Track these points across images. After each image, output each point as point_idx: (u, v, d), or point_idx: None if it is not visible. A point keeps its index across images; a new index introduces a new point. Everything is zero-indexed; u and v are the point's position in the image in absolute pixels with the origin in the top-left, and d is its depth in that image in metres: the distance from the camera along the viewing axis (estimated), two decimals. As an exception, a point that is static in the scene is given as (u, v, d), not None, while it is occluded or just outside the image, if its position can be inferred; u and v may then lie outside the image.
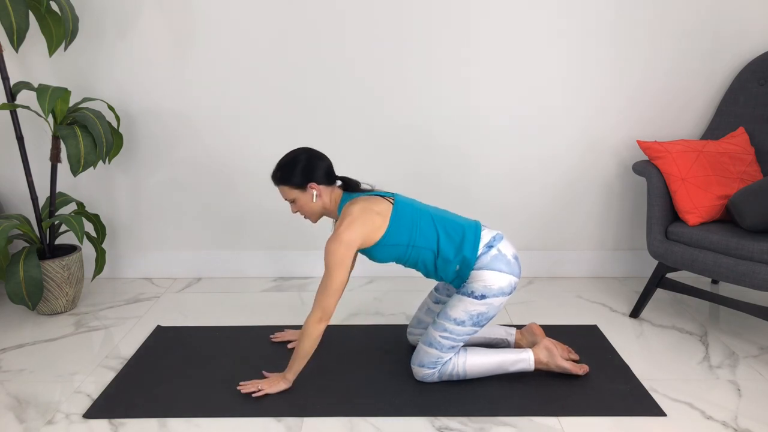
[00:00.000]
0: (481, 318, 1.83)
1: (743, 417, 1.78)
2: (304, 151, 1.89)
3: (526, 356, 1.92)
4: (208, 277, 2.88)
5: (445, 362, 1.88)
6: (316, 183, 1.86)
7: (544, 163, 2.73)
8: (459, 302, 1.84)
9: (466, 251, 1.82)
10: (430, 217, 1.87)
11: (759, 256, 1.99)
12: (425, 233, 1.84)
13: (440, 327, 1.85)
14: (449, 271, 1.86)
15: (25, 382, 1.98)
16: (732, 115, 2.53)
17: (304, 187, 1.87)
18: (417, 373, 1.92)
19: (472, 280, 1.83)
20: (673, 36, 2.56)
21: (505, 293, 1.83)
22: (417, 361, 1.91)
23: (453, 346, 1.86)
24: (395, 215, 1.84)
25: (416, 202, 1.94)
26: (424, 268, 1.89)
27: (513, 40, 2.56)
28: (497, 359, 1.90)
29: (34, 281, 2.29)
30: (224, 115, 2.66)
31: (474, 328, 1.85)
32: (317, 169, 1.87)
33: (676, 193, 2.27)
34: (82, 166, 2.30)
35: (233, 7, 2.52)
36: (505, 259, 1.84)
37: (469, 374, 1.90)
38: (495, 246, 1.85)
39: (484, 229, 1.89)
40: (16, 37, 2.16)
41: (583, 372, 1.95)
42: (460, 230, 1.85)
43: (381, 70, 2.59)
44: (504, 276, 1.82)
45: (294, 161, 1.87)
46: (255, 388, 1.87)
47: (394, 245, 1.84)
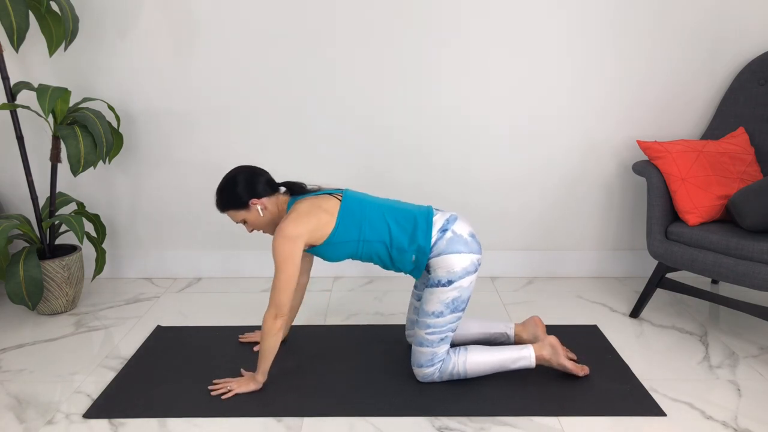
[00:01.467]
0: (457, 303, 1.83)
1: (743, 417, 1.78)
2: (237, 172, 1.88)
3: (527, 353, 1.91)
4: (208, 277, 2.88)
5: (445, 361, 1.88)
6: (257, 198, 1.86)
7: (544, 163, 2.73)
8: (431, 295, 1.83)
9: (419, 239, 1.82)
10: (379, 208, 1.86)
11: (759, 256, 1.99)
12: (375, 226, 1.84)
13: (423, 325, 1.86)
14: (406, 261, 1.85)
15: (25, 382, 1.98)
16: (732, 115, 2.54)
17: (247, 206, 1.87)
18: (418, 374, 1.92)
19: (434, 268, 1.83)
20: (674, 36, 2.56)
21: (470, 272, 1.82)
22: (415, 362, 1.91)
23: (443, 339, 1.86)
24: (343, 210, 1.83)
25: (367, 195, 1.93)
26: (380, 261, 1.89)
27: (513, 40, 2.56)
28: (498, 357, 1.90)
29: (34, 281, 2.29)
30: (224, 115, 2.66)
31: (455, 314, 1.84)
32: (254, 184, 1.86)
33: (676, 193, 2.27)
34: (82, 166, 2.30)
35: (233, 7, 2.52)
36: (461, 240, 1.82)
37: (470, 373, 1.90)
38: (449, 228, 1.83)
39: (436, 213, 1.88)
40: (16, 37, 2.16)
41: (584, 373, 1.95)
42: (412, 218, 1.85)
43: (381, 74, 2.59)
44: (464, 256, 1.81)
45: (228, 185, 1.87)
46: (225, 389, 1.88)
47: (345, 242, 1.84)
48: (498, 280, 2.84)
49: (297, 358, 2.10)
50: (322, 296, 2.66)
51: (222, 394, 1.87)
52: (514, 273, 2.88)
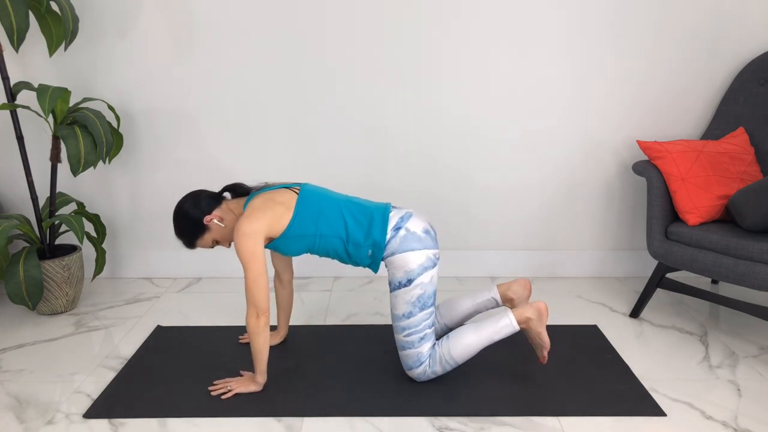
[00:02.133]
0: (423, 299, 1.82)
1: (743, 417, 1.78)
2: (178, 206, 1.88)
3: (508, 321, 1.86)
4: (208, 277, 2.88)
5: (432, 357, 1.87)
6: (208, 214, 1.87)
7: (544, 163, 2.73)
8: (395, 298, 1.84)
9: (375, 234, 1.82)
10: (336, 204, 1.87)
11: (759, 256, 1.99)
12: (331, 221, 1.84)
13: (398, 329, 1.86)
14: (362, 256, 1.86)
15: (25, 382, 1.98)
16: (732, 115, 2.54)
17: (205, 227, 1.87)
18: (411, 375, 1.92)
19: (391, 269, 1.83)
20: (674, 36, 2.56)
21: (427, 268, 1.82)
22: (404, 366, 1.92)
23: (422, 337, 1.85)
24: (300, 204, 1.83)
25: (325, 190, 1.93)
26: (336, 255, 1.89)
27: (513, 40, 2.56)
28: (481, 336, 1.86)
29: (34, 281, 2.29)
30: (224, 114, 2.66)
31: (425, 311, 1.83)
32: (197, 205, 1.86)
33: (676, 193, 2.27)
34: (82, 166, 2.30)
35: (233, 7, 2.52)
36: (415, 237, 1.82)
37: (459, 359, 1.87)
38: (403, 227, 1.83)
39: (393, 210, 1.88)
40: (16, 37, 2.16)
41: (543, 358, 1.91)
42: (368, 214, 1.85)
43: (381, 75, 2.59)
44: (419, 253, 1.81)
45: (178, 218, 1.87)
46: (225, 389, 1.88)
47: (301, 236, 1.83)
48: (498, 280, 2.84)
49: (297, 358, 2.10)
50: (322, 296, 2.66)
51: (222, 394, 1.87)
52: (514, 273, 2.88)
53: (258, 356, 1.84)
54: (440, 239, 2.84)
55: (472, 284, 2.78)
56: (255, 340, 1.81)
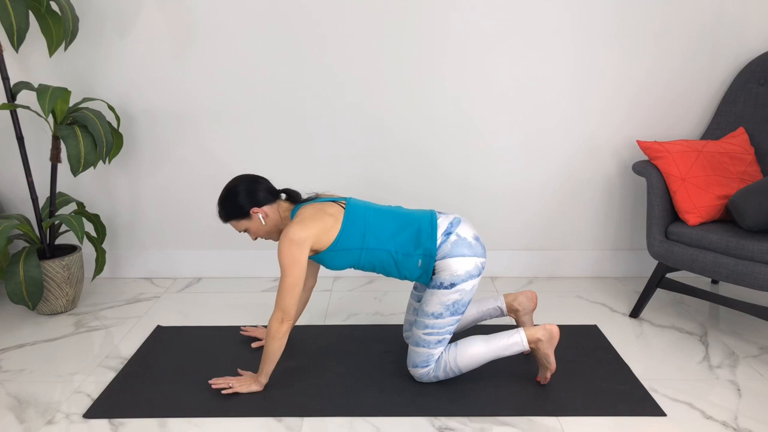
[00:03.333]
0: (457, 306, 1.82)
1: (743, 417, 1.78)
2: (237, 182, 1.88)
3: (518, 339, 1.86)
4: (208, 277, 2.88)
5: (438, 360, 1.88)
6: (258, 206, 1.87)
7: (544, 163, 2.73)
8: (432, 296, 1.83)
9: (424, 242, 1.81)
10: (382, 216, 1.86)
11: (759, 256, 1.99)
12: (378, 234, 1.83)
13: (422, 325, 1.85)
14: (413, 267, 1.84)
15: (25, 382, 1.98)
16: (732, 115, 2.54)
17: (248, 216, 1.88)
18: (413, 374, 1.92)
19: (438, 270, 1.82)
20: (674, 36, 2.56)
21: (473, 276, 1.81)
22: (410, 362, 1.91)
23: (440, 341, 1.85)
24: (348, 216, 1.83)
25: (370, 203, 1.93)
26: (383, 269, 1.88)
27: (514, 41, 2.56)
28: (489, 348, 1.86)
29: (34, 281, 2.29)
30: (224, 114, 2.66)
31: (454, 317, 1.83)
32: (254, 193, 1.87)
33: (676, 193, 2.27)
34: (82, 166, 2.30)
35: (233, 7, 2.52)
36: (466, 243, 1.82)
37: (464, 368, 1.88)
38: (453, 232, 1.83)
39: (440, 216, 1.87)
40: (16, 37, 2.16)
41: (544, 381, 1.92)
42: (416, 223, 1.85)
43: (382, 76, 2.59)
44: (468, 260, 1.80)
45: (229, 195, 1.87)
46: (226, 385, 1.88)
47: (347, 249, 1.83)
48: (498, 280, 2.84)
49: (297, 358, 2.10)
50: (322, 296, 2.66)
51: (222, 388, 1.87)
52: (514, 273, 2.88)
53: (269, 359, 1.84)
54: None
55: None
56: (272, 343, 1.81)
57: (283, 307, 1.77)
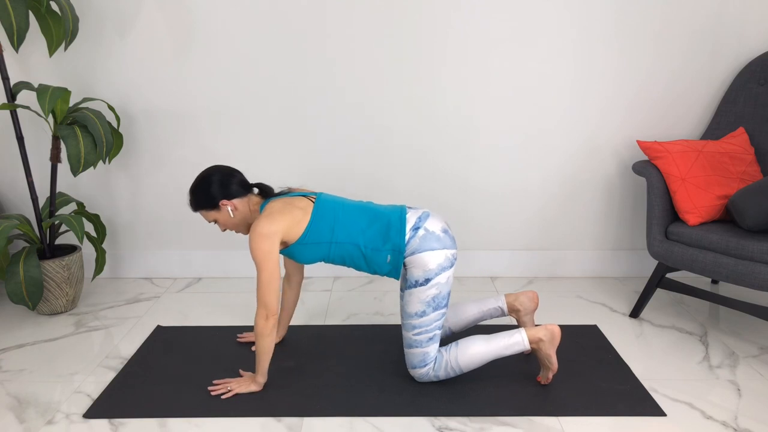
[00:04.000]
0: (437, 300, 1.82)
1: (743, 417, 1.78)
2: (210, 172, 1.88)
3: (520, 338, 1.86)
4: (208, 277, 2.88)
5: (438, 360, 1.88)
6: (227, 199, 1.87)
7: (545, 163, 2.73)
8: (410, 296, 1.83)
9: (393, 237, 1.81)
10: (352, 210, 1.86)
11: (759, 256, 1.99)
12: (347, 227, 1.83)
13: (409, 327, 1.86)
14: (381, 262, 1.84)
15: (25, 382, 1.98)
16: (732, 115, 2.54)
17: (217, 207, 1.88)
18: (414, 375, 1.92)
19: (410, 267, 1.82)
20: (674, 36, 2.56)
21: (446, 268, 1.82)
22: (408, 364, 1.91)
23: (431, 338, 1.85)
24: (316, 210, 1.84)
25: (341, 198, 1.93)
26: (353, 263, 1.88)
27: (514, 41, 2.56)
28: (490, 347, 1.86)
29: (34, 281, 2.29)
30: (224, 114, 2.66)
31: (438, 312, 1.83)
32: (226, 185, 1.87)
33: (676, 193, 2.27)
34: (82, 166, 2.30)
35: (233, 7, 2.52)
36: (434, 236, 1.82)
37: (465, 368, 1.88)
38: (421, 226, 1.83)
39: (409, 211, 1.88)
40: (16, 37, 2.16)
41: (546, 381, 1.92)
42: (385, 218, 1.85)
43: (381, 76, 2.59)
44: (438, 253, 1.81)
45: (200, 185, 1.87)
46: (225, 390, 1.88)
47: (316, 243, 1.83)
48: (498, 280, 2.84)
49: (297, 358, 2.10)
50: (322, 296, 2.66)
51: (222, 394, 1.87)
52: (514, 273, 2.88)
53: (262, 357, 1.84)
54: (440, 239, 2.84)
55: (472, 284, 2.78)
56: (261, 341, 1.81)
57: (264, 303, 1.77)
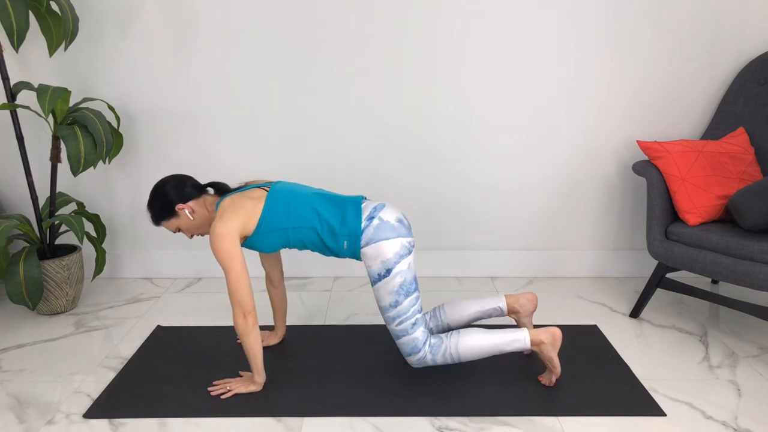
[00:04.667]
0: (405, 287, 1.82)
1: (743, 417, 1.78)
2: (161, 183, 1.90)
3: (522, 336, 1.86)
4: (208, 277, 2.88)
5: (437, 345, 1.86)
6: (183, 202, 1.88)
7: (544, 163, 2.73)
8: (378, 291, 1.84)
9: (349, 222, 1.82)
10: (307, 197, 1.87)
11: (759, 256, 1.99)
12: (303, 213, 1.84)
13: (389, 320, 1.86)
14: (339, 248, 1.85)
15: (25, 382, 1.98)
16: (732, 115, 2.54)
17: (175, 213, 1.89)
18: (411, 362, 1.90)
19: (367, 261, 1.83)
20: (674, 36, 2.56)
21: (404, 255, 1.82)
22: (403, 354, 1.90)
23: (414, 323, 1.84)
24: (270, 199, 1.84)
25: (297, 185, 1.93)
26: (314, 246, 1.88)
27: (513, 40, 2.56)
28: (491, 341, 1.86)
29: (34, 281, 2.29)
30: (224, 114, 2.66)
31: (410, 296, 1.83)
32: (179, 190, 1.88)
33: (676, 193, 2.27)
34: (82, 166, 2.30)
35: (233, 7, 2.52)
36: (388, 226, 1.82)
37: (463, 357, 1.87)
38: (376, 216, 1.84)
39: (365, 201, 1.89)
40: (16, 37, 2.16)
41: (549, 383, 1.93)
42: (341, 204, 1.86)
43: (381, 75, 2.59)
44: (393, 242, 1.81)
45: (155, 196, 1.89)
46: (224, 390, 1.88)
47: (274, 230, 1.83)
48: (498, 280, 2.84)
49: (297, 358, 2.10)
50: (322, 296, 2.66)
51: (221, 393, 1.87)
52: (514, 273, 2.88)
53: (252, 356, 1.84)
54: (440, 239, 2.84)
55: (472, 284, 2.78)
56: (246, 340, 1.81)
57: (238, 302, 1.77)
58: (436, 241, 2.84)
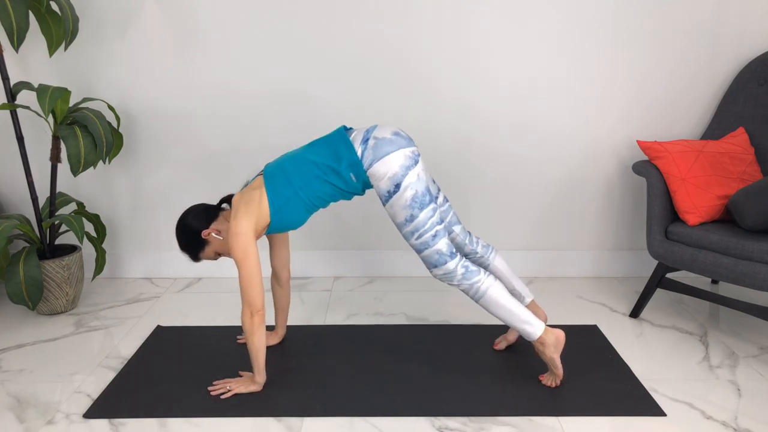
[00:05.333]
0: (419, 199, 1.79)
1: (743, 417, 1.78)
2: (180, 219, 1.91)
3: (538, 325, 1.85)
4: (208, 277, 2.88)
5: (473, 273, 1.84)
6: (206, 228, 1.89)
7: (544, 163, 2.73)
8: (391, 209, 1.82)
9: (343, 154, 1.80)
10: (296, 156, 1.86)
11: (759, 256, 1.99)
12: (299, 170, 1.83)
13: (408, 235, 1.83)
14: (349, 182, 1.83)
15: (25, 382, 1.98)
16: (732, 115, 2.54)
17: (205, 241, 1.90)
18: (434, 274, 1.87)
19: (375, 181, 1.80)
20: (674, 36, 2.56)
21: (410, 166, 1.79)
22: (428, 267, 1.87)
23: (435, 234, 1.81)
24: (267, 178, 1.84)
25: (285, 154, 1.93)
26: (330, 195, 1.86)
27: (513, 39, 2.56)
28: (514, 308, 1.84)
29: (34, 281, 2.29)
30: (224, 114, 2.66)
31: (426, 209, 1.80)
32: (195, 220, 1.89)
33: (676, 193, 2.27)
34: (82, 166, 2.30)
35: (233, 7, 2.52)
36: (386, 141, 1.80)
37: (483, 300, 1.85)
38: (370, 137, 1.82)
39: (354, 131, 1.86)
40: (16, 37, 2.16)
41: (555, 384, 1.93)
42: (329, 142, 1.85)
43: (382, 73, 2.59)
44: (395, 154, 1.78)
45: (180, 237, 1.91)
46: (224, 389, 1.88)
47: (286, 203, 1.82)
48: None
49: (297, 358, 2.10)
50: (322, 296, 2.66)
51: (221, 393, 1.88)
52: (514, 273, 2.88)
53: (255, 355, 1.84)
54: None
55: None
56: (251, 339, 1.81)
57: (248, 300, 1.78)
58: (436, 241, 2.84)
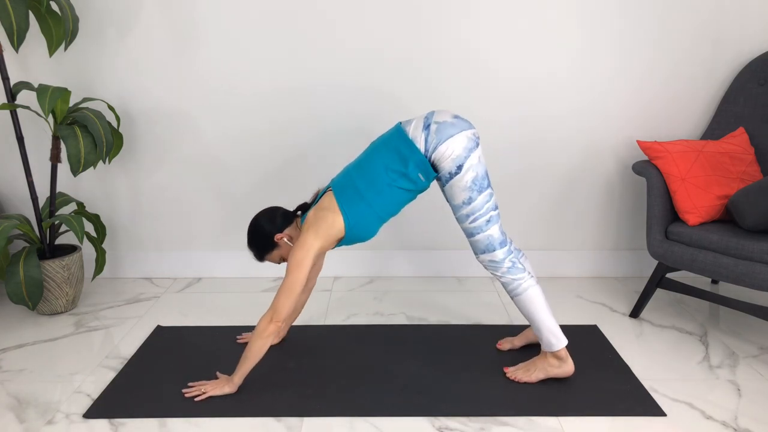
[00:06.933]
0: (478, 182, 1.80)
1: (743, 417, 1.78)
2: (255, 220, 1.95)
3: (563, 340, 1.89)
4: (208, 277, 2.88)
5: (518, 269, 1.87)
6: (279, 232, 1.91)
7: (544, 163, 2.73)
8: (450, 189, 1.82)
9: (407, 154, 1.81)
10: (360, 166, 1.86)
11: (759, 256, 1.99)
12: (369, 181, 1.83)
13: (462, 217, 1.84)
14: (419, 181, 1.83)
15: (25, 382, 1.98)
16: (732, 115, 2.54)
17: (276, 245, 1.93)
18: (481, 260, 1.89)
19: (438, 163, 1.81)
20: (674, 36, 2.56)
21: (472, 149, 1.80)
22: (476, 251, 1.89)
23: (488, 220, 1.83)
24: (338, 196, 1.84)
25: (347, 166, 1.93)
26: (404, 200, 1.87)
27: (513, 39, 2.56)
28: (547, 315, 1.88)
29: (34, 281, 2.29)
30: (224, 114, 2.66)
31: (484, 193, 1.81)
32: (271, 223, 1.92)
33: (676, 193, 2.27)
34: (82, 166, 2.30)
35: (233, 7, 2.52)
36: (447, 124, 1.80)
37: (519, 299, 1.88)
38: (431, 122, 1.82)
39: (411, 122, 1.85)
40: (16, 37, 2.16)
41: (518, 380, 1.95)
42: (387, 145, 1.84)
43: (382, 72, 2.59)
44: (458, 137, 1.79)
45: (252, 235, 1.94)
46: (198, 392, 1.87)
47: (362, 218, 1.83)
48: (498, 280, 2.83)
49: (297, 358, 2.10)
50: (322, 296, 2.66)
51: (195, 396, 1.86)
52: (514, 273, 2.88)
53: (249, 358, 1.83)
54: (440, 239, 2.84)
55: (472, 284, 2.78)
56: (256, 341, 1.80)
57: (276, 306, 1.78)
58: (436, 241, 2.84)
